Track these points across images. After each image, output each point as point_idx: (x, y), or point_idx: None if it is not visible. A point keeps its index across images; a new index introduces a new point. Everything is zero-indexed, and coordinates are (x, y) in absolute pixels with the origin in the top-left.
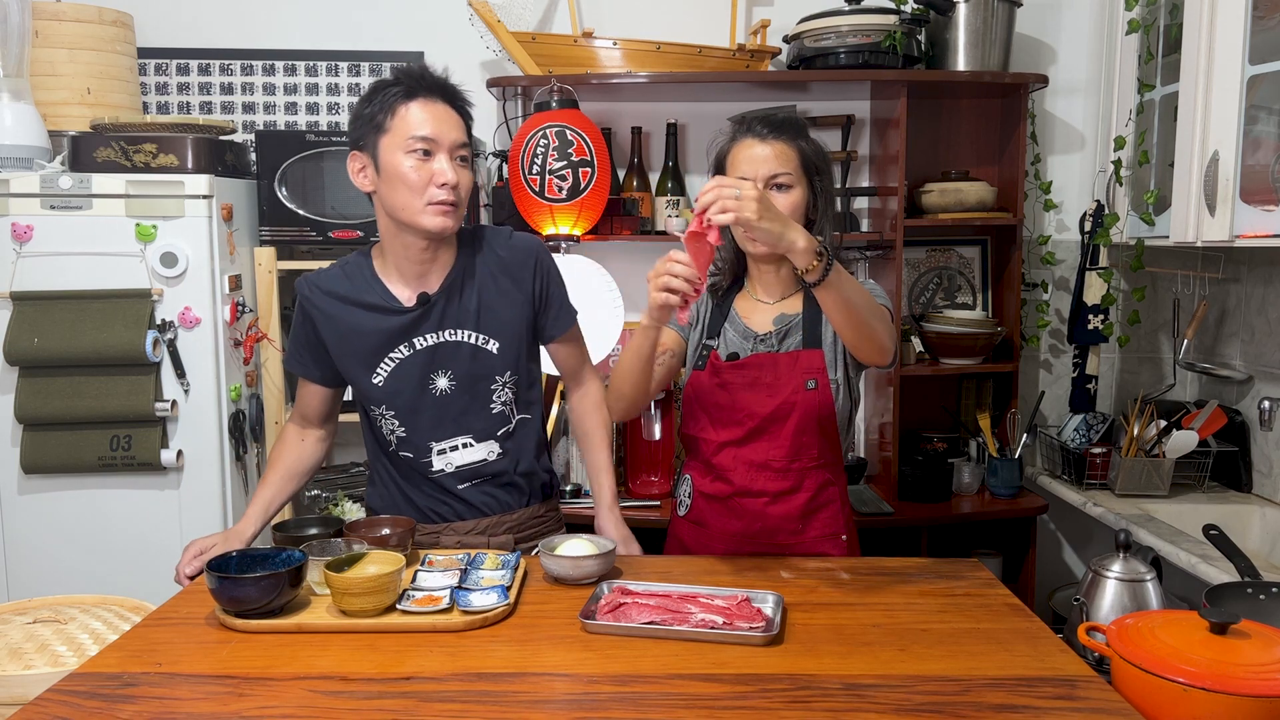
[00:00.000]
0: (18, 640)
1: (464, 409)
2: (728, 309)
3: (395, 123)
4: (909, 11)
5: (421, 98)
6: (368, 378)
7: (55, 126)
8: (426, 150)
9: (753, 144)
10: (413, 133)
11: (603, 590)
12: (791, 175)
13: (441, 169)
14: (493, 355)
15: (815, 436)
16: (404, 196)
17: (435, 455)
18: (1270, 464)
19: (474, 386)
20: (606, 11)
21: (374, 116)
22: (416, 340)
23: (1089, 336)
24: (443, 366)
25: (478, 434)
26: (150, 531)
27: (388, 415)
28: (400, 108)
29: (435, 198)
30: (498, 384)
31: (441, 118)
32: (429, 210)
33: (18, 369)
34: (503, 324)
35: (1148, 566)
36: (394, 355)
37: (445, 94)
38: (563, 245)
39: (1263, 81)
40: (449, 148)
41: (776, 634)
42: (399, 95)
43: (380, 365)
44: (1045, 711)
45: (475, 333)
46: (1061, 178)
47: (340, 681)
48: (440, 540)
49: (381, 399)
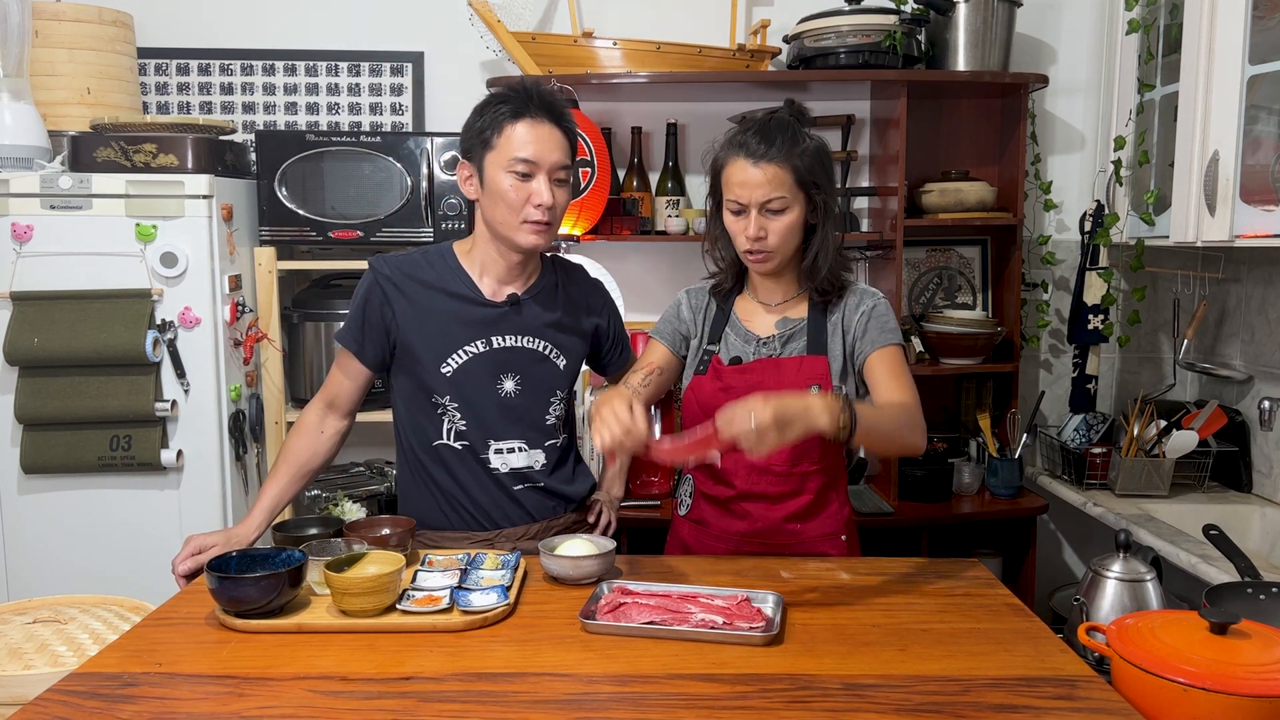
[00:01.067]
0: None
1: (524, 414)
2: (729, 311)
3: (501, 141)
4: (909, 11)
5: (528, 118)
6: (437, 365)
7: (55, 126)
8: (527, 172)
9: (745, 166)
10: (515, 154)
11: (603, 590)
12: (786, 198)
13: (539, 190)
14: (558, 370)
15: (817, 442)
16: (502, 213)
17: (492, 454)
18: (1270, 464)
19: (537, 395)
20: (606, 11)
21: (483, 131)
22: (495, 339)
23: (1089, 336)
24: (513, 369)
25: (531, 441)
26: (150, 531)
27: (451, 407)
28: (507, 127)
29: (531, 217)
30: (556, 397)
31: (544, 139)
32: (524, 228)
33: (18, 369)
34: (570, 345)
35: (1148, 566)
36: (469, 348)
37: (551, 113)
38: (563, 245)
39: (1263, 81)
40: (549, 169)
41: (777, 634)
42: (506, 114)
43: (452, 355)
44: (1045, 711)
45: (550, 345)
46: (1061, 178)
47: (340, 681)
48: (495, 546)
49: (447, 389)
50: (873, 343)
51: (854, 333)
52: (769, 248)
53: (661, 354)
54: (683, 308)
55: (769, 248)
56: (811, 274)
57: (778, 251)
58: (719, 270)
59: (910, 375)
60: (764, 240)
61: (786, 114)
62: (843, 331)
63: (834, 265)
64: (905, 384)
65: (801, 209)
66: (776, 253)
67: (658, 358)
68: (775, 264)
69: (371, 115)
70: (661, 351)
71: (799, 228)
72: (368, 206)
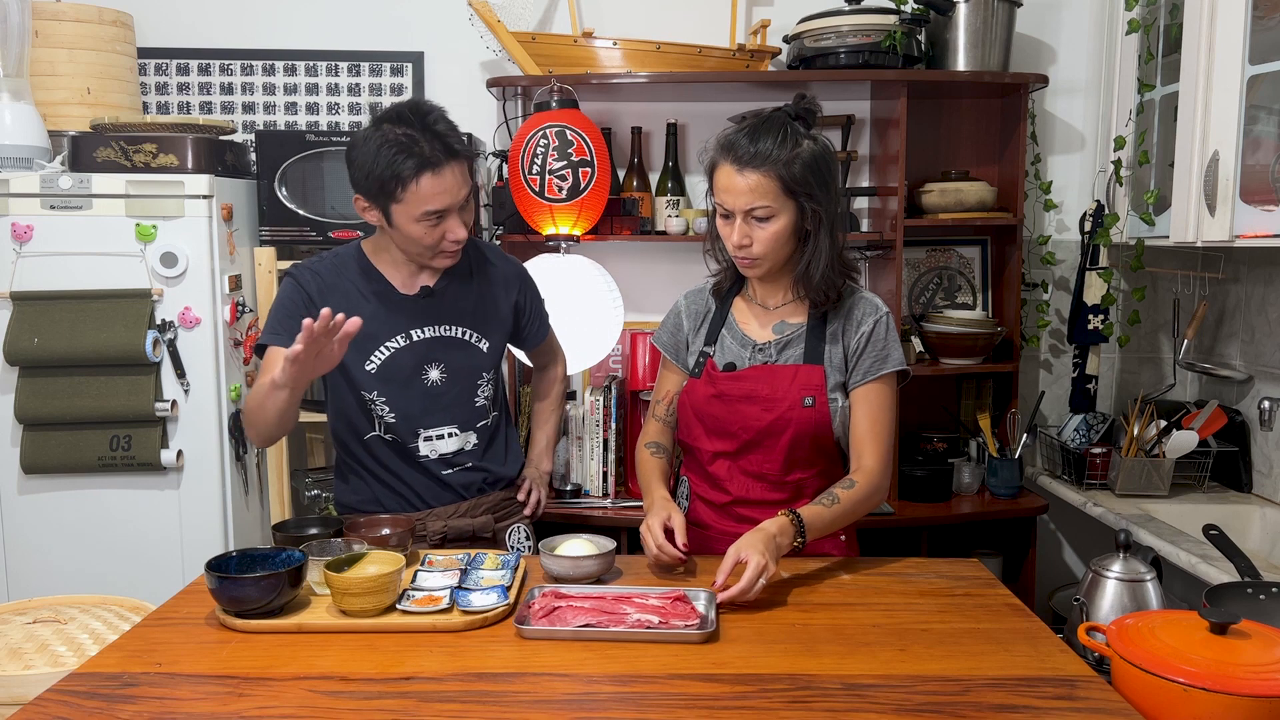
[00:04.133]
0: (18, 640)
1: (452, 400)
2: (726, 313)
3: (407, 196)
4: (909, 11)
5: (430, 171)
6: (361, 363)
7: (55, 126)
8: (440, 217)
9: (730, 172)
10: (426, 208)
11: (534, 594)
12: (770, 206)
13: (453, 228)
14: (481, 353)
15: (810, 452)
16: (415, 247)
17: (422, 442)
18: (1270, 464)
19: (463, 380)
20: (606, 11)
21: (385, 184)
22: (414, 331)
23: (1089, 336)
24: (436, 359)
25: (461, 425)
26: (150, 531)
27: (379, 401)
28: (411, 184)
29: (447, 249)
30: (483, 380)
31: (449, 186)
32: (440, 257)
33: (18, 369)
34: (490, 326)
35: (1148, 566)
36: (390, 344)
37: (450, 152)
38: (563, 245)
39: (1263, 81)
40: (458, 208)
41: (713, 630)
42: (410, 170)
43: (376, 352)
44: (1045, 711)
45: (470, 330)
46: (1061, 178)
47: (340, 681)
48: (427, 524)
49: (373, 384)
50: (865, 374)
51: (850, 352)
52: (754, 255)
53: (676, 381)
54: (682, 317)
55: (754, 255)
56: (805, 282)
57: (765, 259)
58: (720, 269)
59: (892, 415)
60: (749, 248)
61: (788, 112)
62: (842, 345)
63: (829, 274)
64: (879, 437)
65: (791, 216)
66: (764, 259)
67: (673, 385)
68: (764, 270)
69: (371, 115)
70: (675, 378)
71: (788, 235)
72: None
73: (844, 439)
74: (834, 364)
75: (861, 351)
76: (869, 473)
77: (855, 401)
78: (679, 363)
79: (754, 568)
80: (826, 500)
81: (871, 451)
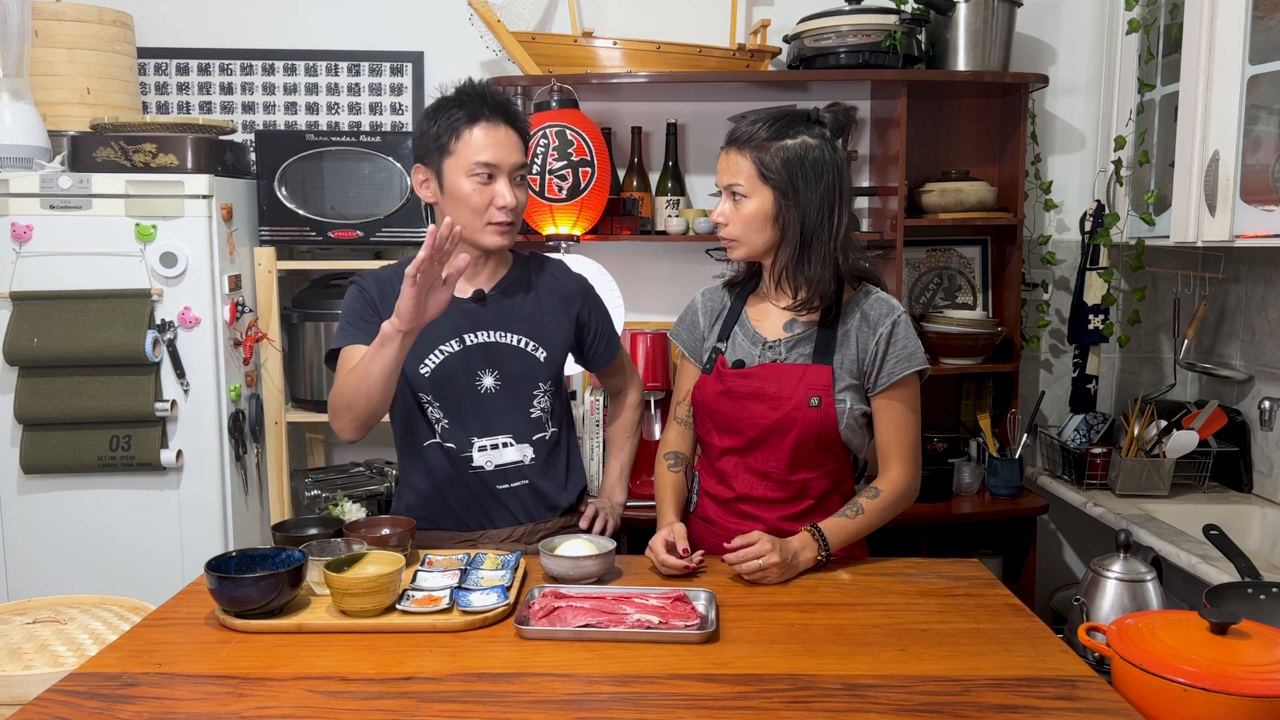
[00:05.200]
0: (18, 640)
1: (507, 409)
2: (740, 309)
3: (459, 146)
4: (909, 11)
5: (484, 122)
6: (415, 365)
7: (55, 126)
8: (489, 174)
9: (723, 153)
10: (476, 158)
11: (534, 594)
12: (744, 186)
13: (502, 192)
14: (538, 362)
15: (815, 451)
16: (465, 216)
17: (476, 451)
18: (1270, 464)
19: (518, 389)
20: (606, 11)
21: (439, 137)
22: (467, 336)
23: (1089, 336)
24: (490, 365)
25: (517, 435)
26: (150, 531)
27: (434, 405)
28: (465, 132)
29: (495, 218)
30: (540, 390)
31: (503, 141)
32: (488, 230)
33: (18, 369)
34: (550, 336)
35: (1148, 566)
36: (444, 347)
37: (506, 116)
38: (563, 245)
39: (1263, 81)
40: (509, 170)
41: (713, 630)
42: (462, 119)
43: (429, 355)
44: (1045, 711)
45: (525, 338)
46: (1061, 178)
47: (340, 681)
48: (478, 547)
49: (427, 388)
50: (888, 376)
51: (869, 355)
52: (729, 234)
53: (694, 378)
54: (698, 314)
55: (729, 234)
56: (788, 279)
57: (739, 241)
58: (734, 268)
59: (917, 418)
60: (726, 226)
61: (808, 113)
62: (857, 346)
63: (818, 274)
64: (905, 442)
65: (766, 204)
66: (738, 242)
67: (691, 383)
68: (742, 253)
69: (371, 115)
70: (695, 376)
71: (763, 222)
72: (367, 206)
73: (851, 441)
74: (844, 365)
75: (883, 353)
76: (894, 481)
77: (878, 408)
78: (696, 360)
79: (756, 550)
80: (850, 511)
81: (898, 457)
